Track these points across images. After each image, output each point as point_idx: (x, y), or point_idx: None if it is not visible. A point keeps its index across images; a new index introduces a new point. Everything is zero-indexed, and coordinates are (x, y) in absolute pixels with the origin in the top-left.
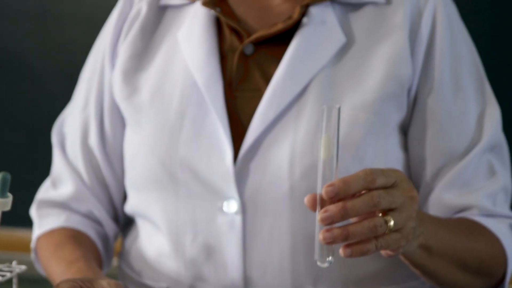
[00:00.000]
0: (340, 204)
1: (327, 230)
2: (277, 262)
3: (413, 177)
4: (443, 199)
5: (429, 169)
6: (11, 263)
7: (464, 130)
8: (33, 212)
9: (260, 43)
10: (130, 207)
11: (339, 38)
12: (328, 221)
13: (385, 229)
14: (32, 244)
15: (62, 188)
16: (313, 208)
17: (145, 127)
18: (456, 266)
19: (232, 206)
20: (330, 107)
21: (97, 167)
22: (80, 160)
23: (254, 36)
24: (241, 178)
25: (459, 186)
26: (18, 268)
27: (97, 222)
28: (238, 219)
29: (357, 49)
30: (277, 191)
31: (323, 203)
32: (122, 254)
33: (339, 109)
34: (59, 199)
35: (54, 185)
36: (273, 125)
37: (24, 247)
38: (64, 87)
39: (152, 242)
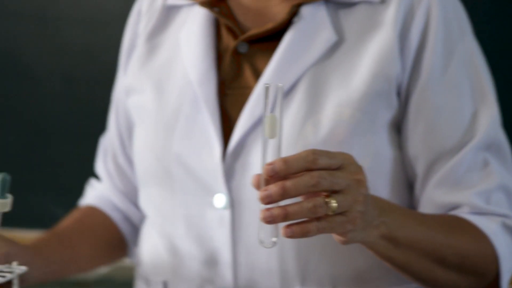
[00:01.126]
0: (279, 183)
1: (267, 209)
2: (265, 260)
3: (407, 175)
4: (433, 196)
5: (421, 167)
6: (11, 264)
7: (456, 127)
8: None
9: (254, 42)
10: (139, 201)
11: (330, 36)
12: (267, 200)
13: (326, 211)
14: None
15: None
16: (258, 187)
17: (146, 124)
18: (433, 261)
19: (220, 201)
20: (274, 85)
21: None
22: (118, 180)
23: (246, 35)
24: (229, 174)
25: (451, 184)
26: (19, 269)
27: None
28: (227, 214)
29: (347, 47)
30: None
31: (267, 183)
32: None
33: (282, 88)
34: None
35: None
36: (259, 122)
37: None
38: (61, 88)
39: (150, 237)
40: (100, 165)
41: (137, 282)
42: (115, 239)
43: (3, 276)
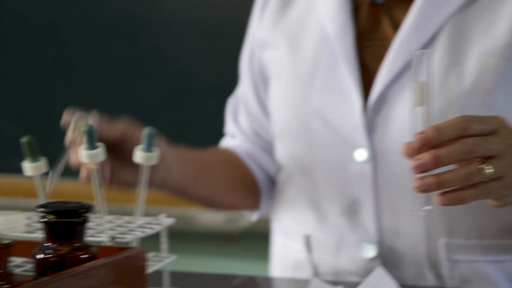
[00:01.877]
0: (432, 152)
1: (420, 178)
2: (408, 213)
3: None
4: None
5: None
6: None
7: None
8: None
9: None
10: (276, 155)
11: None
12: (421, 169)
13: (481, 177)
14: None
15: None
16: (410, 156)
17: (283, 79)
18: None
19: (362, 155)
20: (420, 52)
21: (265, 132)
22: (252, 134)
23: None
24: (370, 127)
25: None
26: (167, 221)
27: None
28: (368, 168)
29: None
30: (404, 141)
31: (419, 151)
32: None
33: (430, 54)
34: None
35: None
36: (400, 74)
37: (173, 201)
38: (202, 43)
39: (289, 190)
40: (230, 124)
41: (275, 236)
42: (250, 182)
43: (152, 229)
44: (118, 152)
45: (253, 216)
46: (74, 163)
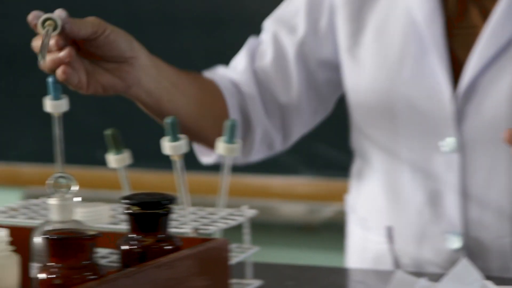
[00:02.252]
0: None
1: None
2: (496, 204)
3: None
4: None
5: None
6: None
7: None
8: None
9: None
10: (353, 145)
11: None
12: None
13: None
14: None
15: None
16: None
17: (367, 65)
18: None
19: (450, 145)
20: None
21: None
22: (262, 72)
23: None
24: (460, 116)
25: None
26: (249, 212)
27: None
28: (456, 158)
29: None
30: (495, 131)
31: None
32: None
33: None
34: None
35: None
36: (491, 63)
37: (255, 192)
38: None
39: (368, 180)
40: (242, 57)
41: (351, 228)
42: (219, 116)
43: (234, 220)
44: (91, 53)
45: (206, 158)
46: (48, 67)
